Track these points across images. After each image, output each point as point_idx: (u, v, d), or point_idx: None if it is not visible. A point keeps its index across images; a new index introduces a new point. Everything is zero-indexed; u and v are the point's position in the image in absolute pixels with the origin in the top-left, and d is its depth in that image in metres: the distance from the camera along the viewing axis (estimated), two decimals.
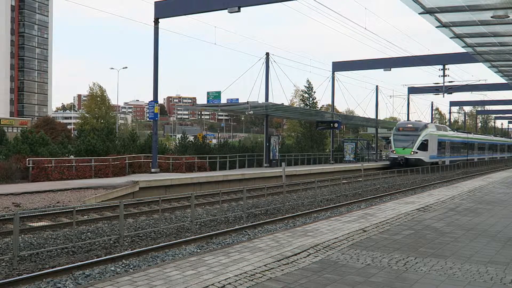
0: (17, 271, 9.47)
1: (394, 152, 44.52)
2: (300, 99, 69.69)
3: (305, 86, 62.92)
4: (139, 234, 12.90)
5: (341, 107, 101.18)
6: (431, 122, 69.23)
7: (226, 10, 24.70)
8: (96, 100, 69.20)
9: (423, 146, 43.98)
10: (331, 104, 53.59)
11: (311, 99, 61.99)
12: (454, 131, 58.03)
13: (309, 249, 9.13)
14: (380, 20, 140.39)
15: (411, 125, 45.76)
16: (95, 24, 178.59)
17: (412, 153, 43.52)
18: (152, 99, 30.20)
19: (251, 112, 34.71)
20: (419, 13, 13.43)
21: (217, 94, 34.32)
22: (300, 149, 50.94)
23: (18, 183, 21.87)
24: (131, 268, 9.75)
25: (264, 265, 7.89)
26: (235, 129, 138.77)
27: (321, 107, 66.20)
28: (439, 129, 50.37)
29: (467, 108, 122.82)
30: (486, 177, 32.83)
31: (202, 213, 16.03)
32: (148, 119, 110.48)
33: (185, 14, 28.35)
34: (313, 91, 61.71)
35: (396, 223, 12.57)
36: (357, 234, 10.84)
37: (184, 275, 7.22)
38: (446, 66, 46.82)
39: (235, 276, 7.23)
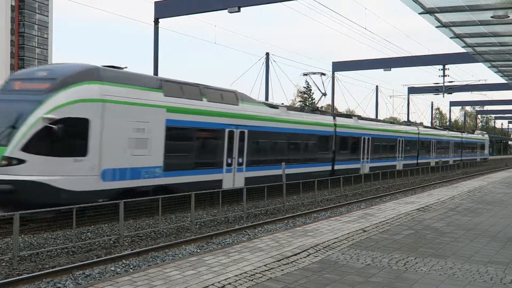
0: (17, 271, 9.47)
1: None
2: (300, 100, 69.97)
3: (304, 87, 63.14)
4: (139, 234, 12.90)
5: (341, 107, 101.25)
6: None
7: (226, 10, 24.71)
8: None
9: (53, 142, 13.23)
10: (331, 104, 53.59)
11: (310, 99, 62.14)
12: (295, 109, 26.60)
13: (309, 249, 9.14)
14: (380, 20, 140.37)
15: (42, 74, 14.31)
16: (95, 24, 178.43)
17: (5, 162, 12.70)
18: None
19: None
20: (419, 13, 13.43)
21: (348, 114, 34.55)
22: None
23: None
24: (131, 268, 9.75)
25: (264, 265, 7.90)
26: None
27: (320, 107, 66.19)
28: (188, 93, 17.33)
29: (467, 108, 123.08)
30: (486, 177, 32.85)
31: (202, 213, 16.03)
32: None
33: (185, 14, 28.33)
34: (312, 91, 61.86)
35: (396, 223, 12.57)
36: (357, 234, 10.84)
37: (184, 275, 7.22)
38: (446, 66, 46.84)
39: (235, 276, 7.23)
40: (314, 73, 28.76)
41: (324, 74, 28.57)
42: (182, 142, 17.05)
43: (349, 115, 31.71)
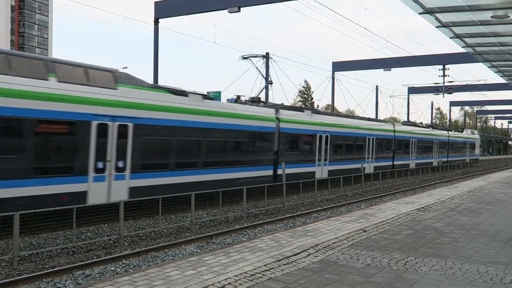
0: (17, 271, 9.48)
1: None
2: (299, 100, 70.12)
3: (303, 87, 63.20)
4: (139, 234, 12.91)
5: (341, 107, 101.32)
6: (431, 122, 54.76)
7: (226, 10, 24.72)
8: None
9: None
10: (331, 104, 53.62)
11: (309, 99, 62.20)
12: None
13: (309, 249, 9.14)
14: (380, 20, 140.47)
15: None
16: (95, 24, 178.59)
17: None
18: None
19: None
20: (419, 13, 13.43)
21: (217, 94, 34.23)
22: None
23: None
24: (131, 268, 9.75)
25: (264, 265, 7.90)
26: None
27: (317, 106, 66.35)
28: (18, 68, 12.45)
29: (467, 108, 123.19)
30: (486, 177, 32.85)
31: (202, 213, 16.05)
32: None
33: (185, 14, 28.36)
34: (311, 91, 61.90)
35: (396, 223, 12.57)
36: (357, 234, 10.84)
37: (184, 275, 7.22)
38: (446, 66, 46.85)
39: (235, 276, 7.23)
40: (254, 56, 24.15)
41: (266, 57, 23.32)
42: (4, 139, 11.87)
43: (300, 108, 26.24)
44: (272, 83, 24.41)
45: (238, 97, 22.10)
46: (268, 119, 21.42)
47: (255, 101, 22.74)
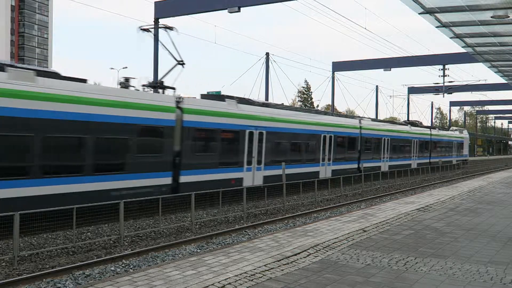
0: (17, 271, 9.48)
1: None
2: (299, 100, 70.15)
3: (303, 87, 63.20)
4: (139, 234, 12.91)
5: (341, 107, 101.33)
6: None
7: (226, 10, 24.75)
8: None
9: None
10: (331, 104, 53.66)
11: (309, 99, 62.22)
12: None
13: (309, 249, 9.14)
14: (380, 20, 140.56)
15: None
16: (95, 24, 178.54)
17: None
18: None
19: None
20: (419, 13, 13.44)
21: (217, 94, 34.23)
22: None
23: None
24: (131, 268, 9.76)
25: (264, 265, 7.90)
26: None
27: (317, 106, 66.38)
28: None
29: (467, 108, 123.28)
30: (486, 177, 32.86)
31: (202, 213, 16.05)
32: None
33: (185, 14, 28.39)
34: (311, 91, 61.92)
35: (396, 223, 12.58)
36: (357, 234, 10.85)
37: (184, 275, 7.22)
38: (446, 66, 46.88)
39: (235, 276, 7.24)
40: (155, 27, 16.89)
41: (171, 29, 18.35)
42: None
43: (219, 97, 20.25)
44: (183, 63, 18.36)
45: (127, 79, 16.16)
46: (163, 109, 15.85)
47: (156, 86, 17.42)
